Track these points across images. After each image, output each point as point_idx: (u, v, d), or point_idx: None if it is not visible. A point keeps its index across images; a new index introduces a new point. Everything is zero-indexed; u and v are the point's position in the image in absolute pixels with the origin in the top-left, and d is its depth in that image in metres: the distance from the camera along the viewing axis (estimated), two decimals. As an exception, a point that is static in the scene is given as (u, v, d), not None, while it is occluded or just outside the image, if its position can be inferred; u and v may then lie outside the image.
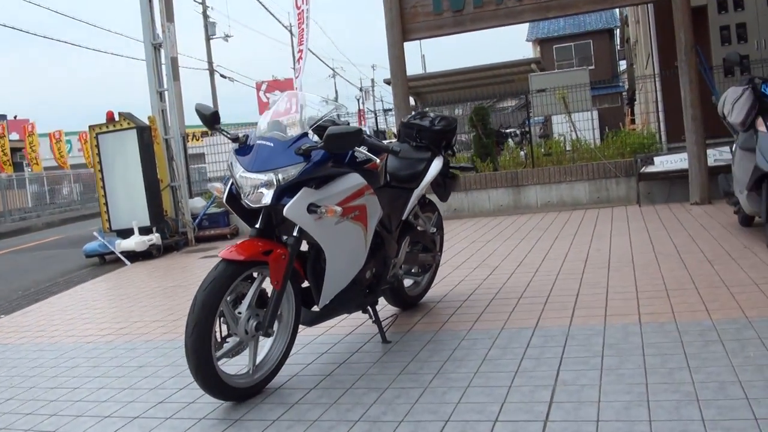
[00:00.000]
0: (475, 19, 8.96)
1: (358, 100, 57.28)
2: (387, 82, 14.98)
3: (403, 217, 3.77)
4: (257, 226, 3.01)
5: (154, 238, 9.04)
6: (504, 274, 4.91)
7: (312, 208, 2.91)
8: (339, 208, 2.94)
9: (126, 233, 9.02)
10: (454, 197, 9.49)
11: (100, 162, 9.39)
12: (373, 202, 3.30)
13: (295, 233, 2.99)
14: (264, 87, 37.94)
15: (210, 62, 32.77)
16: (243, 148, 3.04)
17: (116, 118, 9.34)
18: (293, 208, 2.88)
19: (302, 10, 10.32)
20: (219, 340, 2.90)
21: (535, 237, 6.52)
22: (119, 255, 8.79)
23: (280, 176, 2.88)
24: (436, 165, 3.99)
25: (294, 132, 3.04)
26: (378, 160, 3.25)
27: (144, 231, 9.03)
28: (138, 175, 9.16)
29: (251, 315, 2.93)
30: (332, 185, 3.06)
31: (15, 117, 29.65)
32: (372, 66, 52.53)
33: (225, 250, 2.88)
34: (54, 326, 5.17)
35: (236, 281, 2.86)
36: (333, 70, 56.46)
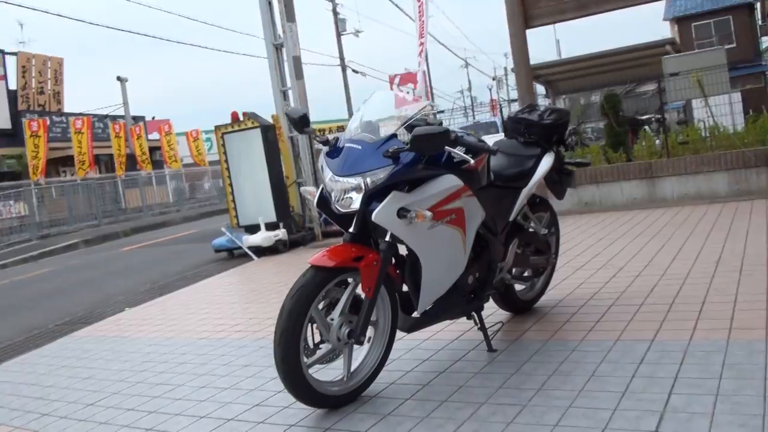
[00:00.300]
0: (599, 1, 8.45)
1: (491, 89, 56.47)
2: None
3: (511, 218, 3.55)
4: (351, 230, 2.92)
5: (281, 233, 9.27)
6: (628, 276, 4.55)
7: (402, 213, 2.77)
8: (429, 213, 2.78)
9: (253, 229, 9.31)
10: (585, 190, 9.03)
11: (226, 160, 9.75)
12: (473, 205, 3.12)
13: (387, 238, 2.87)
14: (397, 80, 38.21)
15: (342, 58, 33.44)
16: (333, 150, 2.95)
17: (241, 118, 9.66)
18: (382, 213, 2.75)
19: (422, 3, 10.20)
20: (312, 346, 2.85)
21: (667, 234, 6.03)
22: (246, 250, 9.09)
23: (369, 180, 2.77)
24: (546, 162, 3.74)
25: (385, 133, 2.91)
26: (473, 161, 3.07)
27: (271, 227, 9.28)
28: (263, 173, 9.42)
29: (344, 322, 2.85)
30: (425, 188, 2.90)
31: (153, 118, 31.59)
32: (504, 54, 51.49)
33: (316, 255, 2.81)
34: (173, 321, 5.38)
35: (325, 288, 2.79)
36: (465, 60, 55.85)
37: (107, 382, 3.88)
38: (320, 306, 2.83)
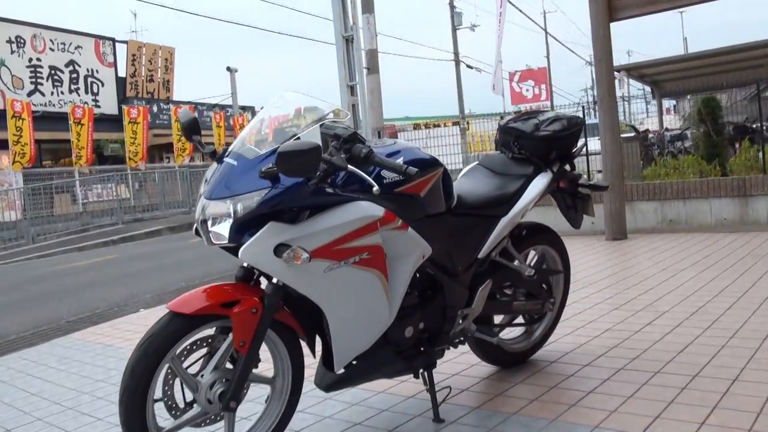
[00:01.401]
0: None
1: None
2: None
3: (480, 255, 2.83)
4: (242, 265, 2.33)
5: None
6: (665, 326, 3.69)
7: (282, 250, 2.15)
8: (306, 255, 2.14)
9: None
10: (670, 206, 7.97)
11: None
12: (406, 240, 2.44)
13: (275, 280, 2.26)
14: (517, 77, 37.07)
15: (456, 53, 32.82)
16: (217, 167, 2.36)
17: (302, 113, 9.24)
18: (250, 250, 2.15)
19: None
20: (183, 405, 2.28)
21: (741, 268, 5.03)
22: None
23: (239, 206, 2.16)
24: (538, 185, 2.98)
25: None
26: (408, 184, 2.42)
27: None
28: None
29: (218, 379, 2.26)
30: (321, 218, 2.24)
31: (261, 108, 32.00)
32: (627, 52, 48.70)
33: (177, 298, 2.24)
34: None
35: (183, 340, 2.21)
36: (585, 59, 53.57)
37: (45, 402, 3.50)
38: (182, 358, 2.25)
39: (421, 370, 2.69)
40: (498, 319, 3.27)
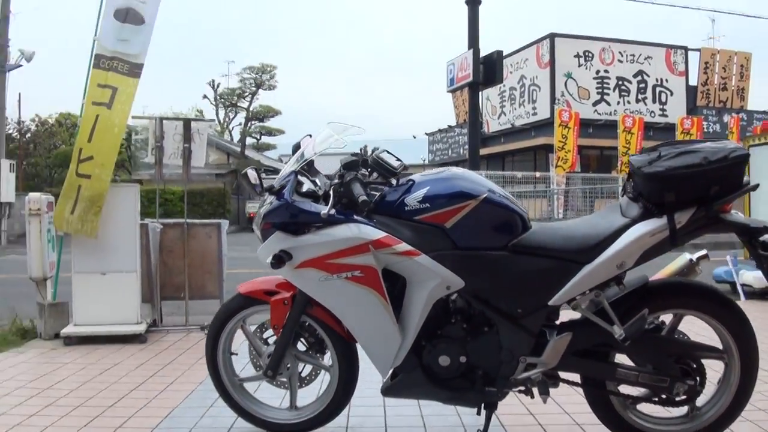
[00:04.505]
0: None
1: None
2: None
3: (552, 302, 2.48)
4: None
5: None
6: None
7: (284, 256, 2.57)
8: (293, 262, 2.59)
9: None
10: None
11: (749, 176, 8.24)
12: (414, 267, 2.50)
13: None
14: None
15: None
16: None
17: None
18: (261, 252, 2.66)
19: None
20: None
21: None
22: (738, 287, 7.62)
23: (262, 211, 2.72)
24: (634, 233, 2.40)
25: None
26: (436, 211, 2.49)
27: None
28: (787, 198, 7.62)
29: (287, 354, 2.84)
30: (318, 234, 2.58)
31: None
32: None
33: (248, 282, 2.93)
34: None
35: (240, 314, 2.90)
36: None
37: None
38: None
39: (483, 408, 2.65)
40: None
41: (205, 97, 36.17)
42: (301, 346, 2.88)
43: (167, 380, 3.82)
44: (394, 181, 2.60)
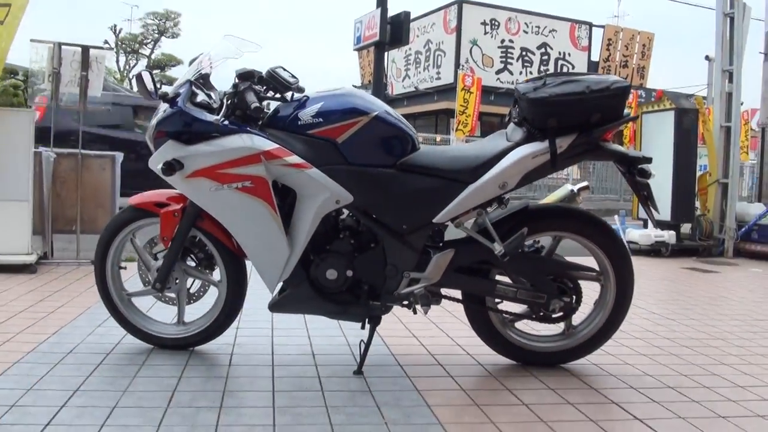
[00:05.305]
0: None
1: None
2: None
3: (436, 220, 2.62)
4: None
5: (666, 235, 7.95)
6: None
7: (175, 164, 2.58)
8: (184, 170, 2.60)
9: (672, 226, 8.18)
10: None
11: (641, 142, 8.73)
12: (305, 180, 2.57)
13: None
14: None
15: None
16: None
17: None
18: (153, 160, 2.64)
19: None
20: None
21: None
22: (626, 244, 8.08)
23: (154, 122, 2.71)
24: (516, 155, 2.56)
25: None
26: (326, 127, 2.55)
27: (670, 227, 8.03)
28: (668, 162, 8.13)
29: (174, 268, 2.84)
30: (210, 143, 2.59)
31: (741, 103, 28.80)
32: None
33: (138, 194, 2.89)
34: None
35: (130, 227, 2.88)
36: None
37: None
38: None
39: (367, 322, 2.76)
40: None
41: (106, 42, 34.40)
42: (191, 262, 2.90)
43: (56, 305, 3.75)
44: (288, 96, 2.65)
